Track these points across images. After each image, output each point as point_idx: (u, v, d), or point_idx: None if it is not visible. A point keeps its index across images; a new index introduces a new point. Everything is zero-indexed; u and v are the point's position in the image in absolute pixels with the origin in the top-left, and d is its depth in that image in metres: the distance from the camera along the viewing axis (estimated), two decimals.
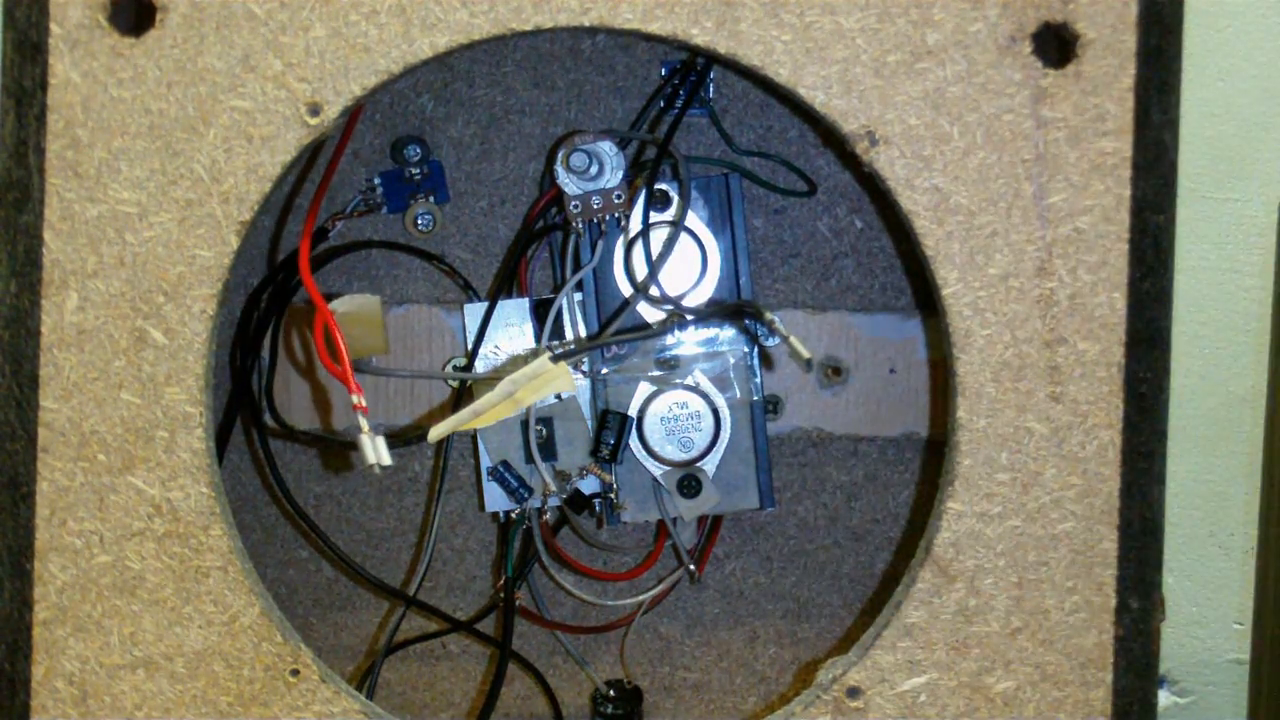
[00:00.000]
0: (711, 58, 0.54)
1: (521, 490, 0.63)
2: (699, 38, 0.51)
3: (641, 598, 0.66)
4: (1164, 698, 0.93)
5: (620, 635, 0.68)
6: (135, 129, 0.52)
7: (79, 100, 0.51)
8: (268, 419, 0.64)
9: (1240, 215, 0.80)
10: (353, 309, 0.54)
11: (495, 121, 0.66)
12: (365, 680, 0.65)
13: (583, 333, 0.63)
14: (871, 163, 0.51)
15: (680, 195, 0.61)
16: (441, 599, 0.69)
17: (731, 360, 0.62)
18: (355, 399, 0.50)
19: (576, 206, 0.60)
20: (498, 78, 0.65)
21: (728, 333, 0.62)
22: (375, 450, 0.49)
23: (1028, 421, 0.51)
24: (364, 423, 0.50)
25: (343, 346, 0.51)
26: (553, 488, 0.62)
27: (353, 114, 0.60)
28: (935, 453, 0.66)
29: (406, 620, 0.67)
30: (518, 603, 0.64)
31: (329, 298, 0.54)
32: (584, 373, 0.62)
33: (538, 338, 0.63)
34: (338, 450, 0.68)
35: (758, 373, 0.62)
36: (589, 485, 0.63)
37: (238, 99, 0.51)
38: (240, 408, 0.64)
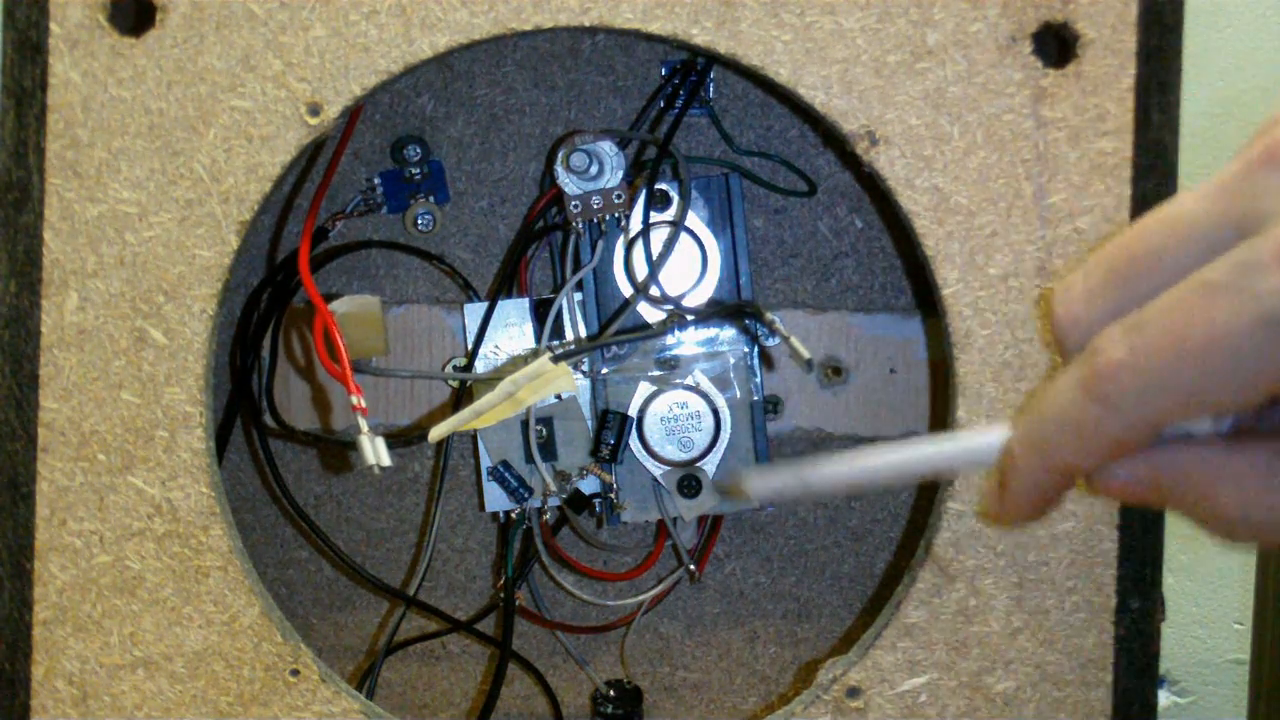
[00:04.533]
0: (711, 58, 0.54)
1: (521, 490, 0.63)
2: (699, 38, 0.51)
3: (641, 598, 0.66)
4: (1164, 698, 0.93)
5: (620, 635, 0.68)
6: (135, 129, 0.52)
7: (79, 100, 0.51)
8: (268, 419, 0.64)
9: None
10: (353, 309, 0.54)
11: (495, 121, 0.66)
12: (365, 680, 0.65)
13: (583, 333, 0.63)
14: (871, 163, 0.51)
15: (680, 195, 0.61)
16: (441, 599, 0.69)
17: (731, 360, 0.62)
18: (355, 400, 0.50)
19: (576, 206, 0.60)
20: (498, 78, 0.65)
21: (728, 333, 0.62)
22: (375, 451, 0.49)
23: None
24: (363, 423, 0.50)
25: (342, 347, 0.51)
26: (553, 488, 0.62)
27: (353, 114, 0.60)
28: None
29: (406, 620, 0.67)
30: (518, 603, 0.64)
31: (329, 298, 0.54)
32: (584, 373, 0.62)
33: (538, 338, 0.63)
34: (338, 450, 0.68)
35: (758, 373, 0.62)
36: (589, 485, 0.63)
37: (238, 99, 0.51)
38: (240, 408, 0.64)
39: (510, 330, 0.64)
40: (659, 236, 0.61)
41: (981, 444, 0.39)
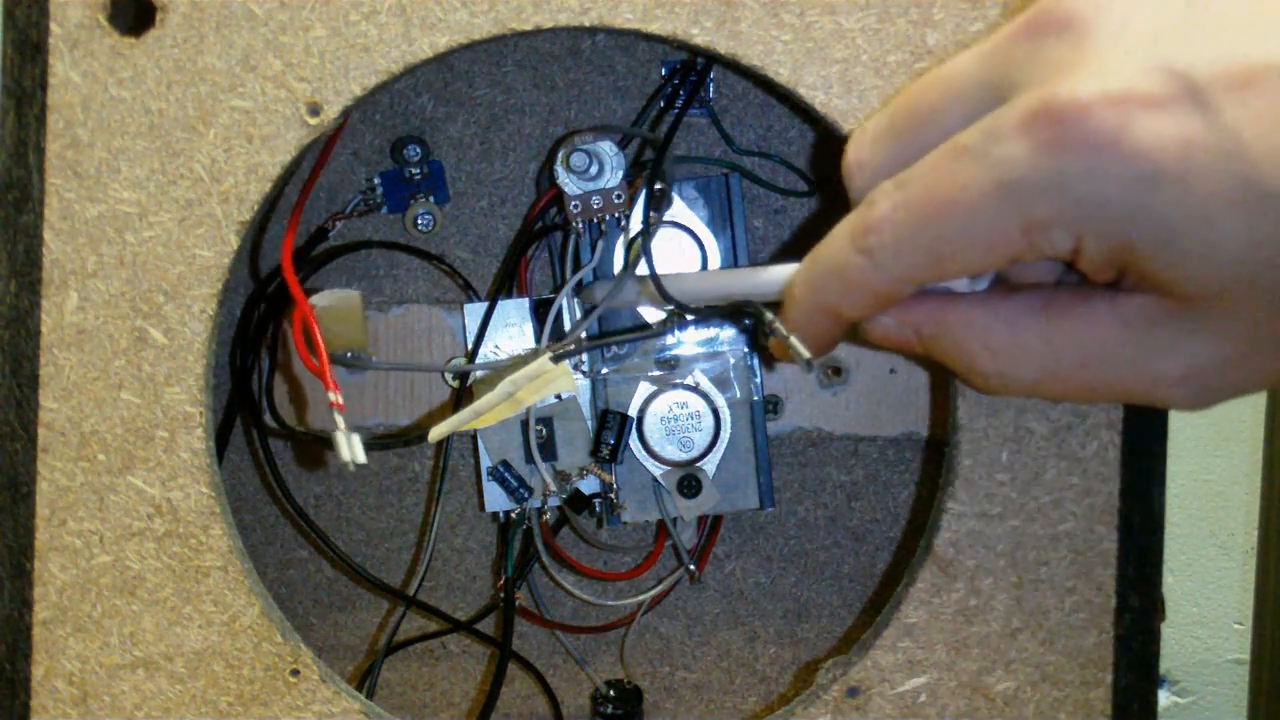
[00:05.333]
0: (711, 58, 0.54)
1: (521, 490, 0.63)
2: (699, 38, 0.51)
3: (641, 598, 0.66)
4: (1164, 698, 0.93)
5: (620, 635, 0.68)
6: (135, 129, 0.52)
7: (79, 100, 0.51)
8: (268, 419, 0.64)
9: None
10: (332, 304, 0.54)
11: (495, 121, 0.66)
12: (365, 680, 0.65)
13: (583, 333, 0.63)
14: None
15: (680, 195, 0.61)
16: (441, 599, 0.69)
17: (731, 360, 0.62)
18: (332, 396, 0.49)
19: (576, 206, 0.60)
20: (498, 78, 0.65)
21: (728, 333, 0.62)
22: (350, 448, 0.49)
23: (1028, 421, 0.51)
24: (340, 420, 0.49)
25: (320, 342, 0.51)
26: (553, 488, 0.62)
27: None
28: (935, 453, 0.66)
29: (406, 620, 0.67)
30: (518, 603, 0.64)
31: (311, 294, 0.54)
32: (584, 373, 0.62)
33: (538, 338, 0.63)
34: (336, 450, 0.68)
35: (758, 373, 0.62)
36: (589, 485, 0.63)
37: (238, 99, 0.51)
38: (240, 408, 0.64)
39: (510, 330, 0.64)
40: (658, 236, 0.61)
41: (773, 277, 0.43)
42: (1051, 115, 0.32)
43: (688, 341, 0.62)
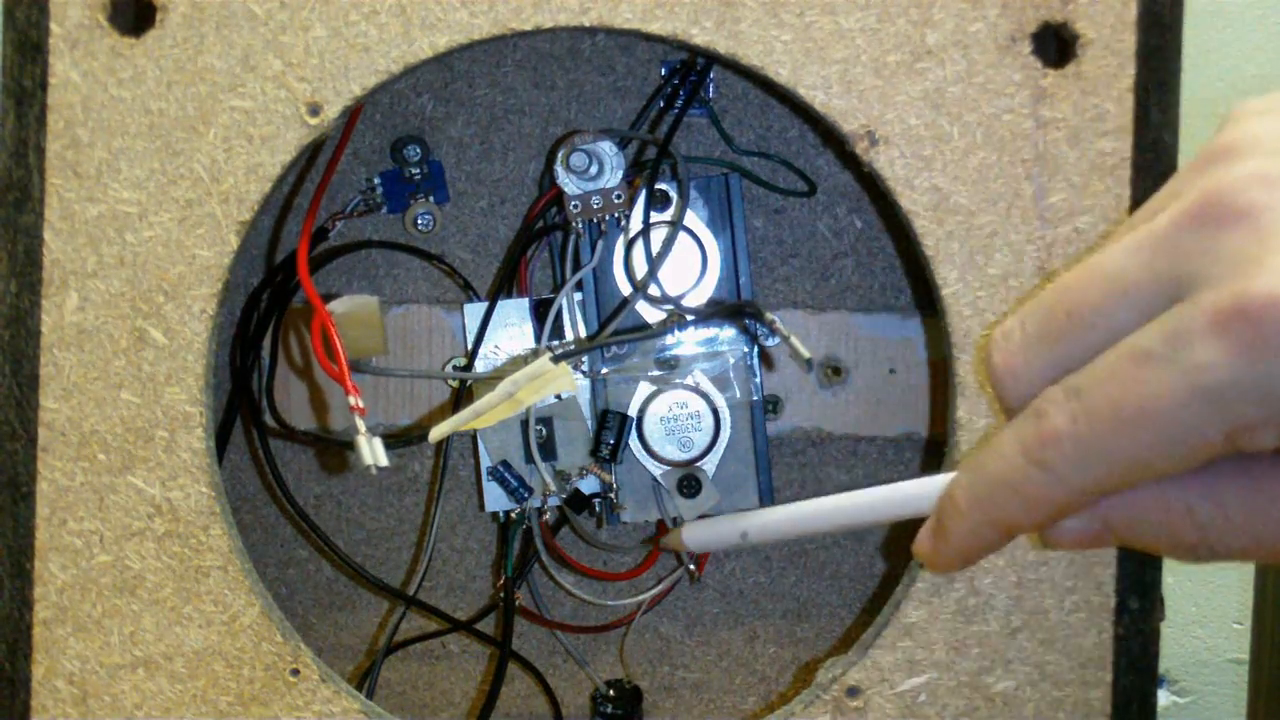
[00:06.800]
0: (711, 58, 0.54)
1: (521, 490, 0.63)
2: (699, 38, 0.51)
3: (641, 598, 0.66)
4: (1164, 697, 0.93)
5: (620, 635, 0.68)
6: (135, 129, 0.52)
7: (79, 100, 0.51)
8: (268, 419, 0.64)
9: None
10: (351, 309, 0.54)
11: (495, 121, 0.66)
12: (365, 680, 0.65)
13: (583, 333, 0.63)
14: (871, 163, 0.51)
15: (680, 195, 0.61)
16: (441, 599, 0.69)
17: (731, 360, 0.62)
18: (352, 400, 0.50)
19: (576, 206, 0.60)
20: (498, 78, 0.65)
21: (728, 333, 0.62)
22: (372, 451, 0.49)
23: None
24: (361, 424, 0.49)
25: (340, 347, 0.51)
26: (553, 488, 0.62)
27: (352, 114, 0.60)
28: (935, 453, 0.66)
29: (406, 620, 0.67)
30: (518, 603, 0.64)
31: (328, 298, 0.54)
32: (584, 373, 0.62)
33: (538, 338, 0.63)
34: (337, 450, 0.68)
35: (758, 373, 0.62)
36: (589, 485, 0.63)
37: (238, 99, 0.51)
38: (240, 408, 0.64)
39: (510, 330, 0.64)
40: (659, 236, 0.61)
41: (924, 491, 0.40)
42: (1248, 315, 0.30)
43: (687, 341, 0.62)
